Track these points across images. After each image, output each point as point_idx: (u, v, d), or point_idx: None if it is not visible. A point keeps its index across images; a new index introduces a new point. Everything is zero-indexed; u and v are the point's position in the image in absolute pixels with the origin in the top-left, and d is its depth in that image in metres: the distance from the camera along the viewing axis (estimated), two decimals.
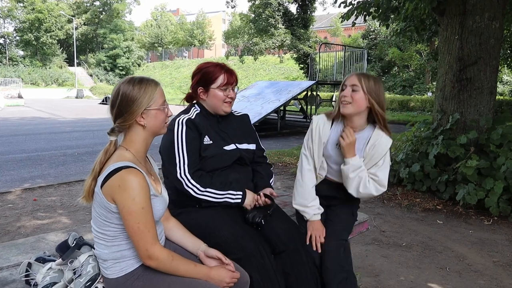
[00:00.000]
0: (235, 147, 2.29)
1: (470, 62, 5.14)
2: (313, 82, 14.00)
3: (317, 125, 2.31)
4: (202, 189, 2.11)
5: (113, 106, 1.64)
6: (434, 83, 23.82)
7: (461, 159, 4.91)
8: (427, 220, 4.59)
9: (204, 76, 2.25)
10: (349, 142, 2.16)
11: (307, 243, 2.24)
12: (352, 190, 2.26)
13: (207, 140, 2.22)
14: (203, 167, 2.19)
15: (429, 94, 22.85)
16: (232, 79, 2.26)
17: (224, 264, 1.78)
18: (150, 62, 52.82)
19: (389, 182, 5.61)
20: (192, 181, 2.11)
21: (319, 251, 2.22)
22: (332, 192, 2.40)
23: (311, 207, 2.32)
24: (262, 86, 14.78)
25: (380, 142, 2.21)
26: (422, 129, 5.87)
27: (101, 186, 1.56)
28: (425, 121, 6.00)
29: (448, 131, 5.27)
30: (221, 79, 2.23)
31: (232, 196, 2.16)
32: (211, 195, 2.13)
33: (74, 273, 1.64)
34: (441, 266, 3.44)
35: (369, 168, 2.24)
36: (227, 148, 2.26)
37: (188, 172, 2.11)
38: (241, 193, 2.17)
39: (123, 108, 1.62)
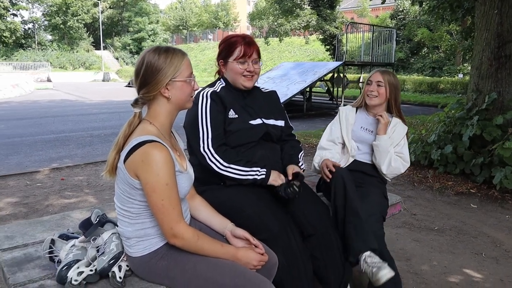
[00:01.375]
0: (261, 121, 2.18)
1: (510, 38, 4.85)
2: (340, 63, 13.70)
3: (344, 111, 2.68)
4: (225, 164, 2.02)
5: (138, 75, 1.56)
6: (465, 64, 23.00)
7: (498, 140, 4.67)
8: (460, 204, 4.41)
9: (226, 48, 2.16)
10: (387, 121, 2.54)
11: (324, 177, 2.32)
12: (385, 165, 2.51)
13: (232, 114, 2.11)
14: (228, 142, 2.09)
15: (460, 75, 22.06)
16: (249, 51, 2.12)
17: (252, 245, 1.70)
18: (175, 44, 52.92)
19: (419, 164, 5.50)
20: (215, 155, 2.01)
21: (331, 172, 2.27)
22: (358, 167, 2.58)
23: (325, 153, 2.54)
24: (288, 67, 14.55)
25: (398, 126, 2.60)
26: (454, 110, 5.62)
27: (124, 161, 1.49)
28: (458, 101, 5.74)
29: (483, 112, 5.02)
30: (237, 51, 2.11)
31: (257, 173, 2.04)
32: (234, 171, 2.02)
33: (97, 251, 1.60)
34: (476, 252, 3.29)
35: (394, 147, 2.56)
36: (253, 122, 2.15)
37: (212, 146, 2.02)
38: (265, 170, 2.05)
39: (147, 77, 1.54)
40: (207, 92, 2.12)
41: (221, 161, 2.02)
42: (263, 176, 2.05)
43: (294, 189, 2.00)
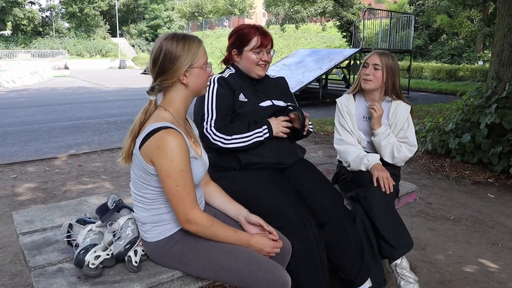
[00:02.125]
0: (271, 103, 2.24)
1: None
2: (357, 49, 13.53)
3: (342, 103, 2.55)
4: (228, 137, 2.06)
5: (155, 63, 1.57)
6: (485, 51, 22.48)
7: None
8: (477, 194, 4.35)
9: (239, 38, 2.21)
10: (380, 114, 2.40)
11: (375, 184, 2.24)
12: (387, 158, 2.45)
13: (242, 97, 2.16)
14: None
15: (480, 63, 21.58)
16: (266, 41, 2.19)
17: (265, 231, 1.72)
18: (190, 31, 52.83)
19: (436, 153, 5.43)
20: (217, 133, 2.06)
21: (390, 191, 2.23)
22: None
23: (368, 155, 2.38)
24: (304, 54, 14.43)
25: (400, 109, 2.47)
26: (473, 98, 5.52)
27: (140, 148, 1.51)
28: (478, 89, 5.62)
29: (503, 100, 4.92)
30: (254, 41, 2.17)
31: (259, 134, 2.10)
32: (238, 140, 2.07)
33: (114, 236, 1.63)
34: (492, 242, 3.26)
35: (397, 133, 2.47)
36: (263, 104, 2.21)
37: (214, 127, 2.07)
38: (265, 126, 2.11)
39: (166, 65, 1.55)
40: (214, 77, 2.17)
41: (224, 136, 2.06)
42: (267, 135, 2.10)
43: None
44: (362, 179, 2.32)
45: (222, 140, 2.06)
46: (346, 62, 13.81)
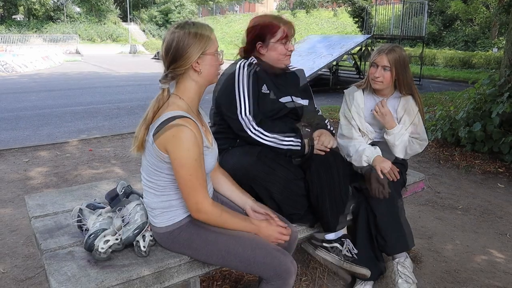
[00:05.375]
0: (290, 99, 2.22)
1: None
2: (368, 36, 13.37)
3: (350, 96, 2.54)
4: (269, 134, 2.04)
5: (168, 51, 1.57)
6: (501, 38, 22.04)
7: None
8: (487, 184, 4.32)
9: (262, 30, 2.15)
10: (382, 114, 2.39)
11: (382, 177, 2.26)
12: (399, 154, 2.46)
13: (264, 89, 2.14)
14: None
15: (495, 50, 21.17)
16: (291, 31, 2.17)
17: (272, 220, 1.74)
18: (201, 17, 52.51)
19: (446, 142, 5.39)
20: (256, 127, 2.04)
21: (397, 178, 2.28)
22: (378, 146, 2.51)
23: (365, 150, 2.37)
24: (314, 41, 14.30)
25: (408, 105, 2.45)
26: (486, 86, 5.44)
27: (154, 135, 1.52)
28: (490, 77, 5.53)
29: None
30: (280, 32, 2.14)
31: (293, 143, 2.07)
32: (276, 140, 2.05)
33: (123, 221, 1.66)
34: (500, 232, 3.24)
35: (407, 128, 2.45)
36: (283, 100, 2.19)
37: (252, 117, 2.04)
38: (300, 141, 2.07)
39: (179, 52, 1.55)
40: (244, 63, 2.14)
41: (264, 131, 2.05)
42: (298, 148, 2.07)
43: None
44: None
45: (261, 135, 2.04)
46: (358, 48, 13.65)
